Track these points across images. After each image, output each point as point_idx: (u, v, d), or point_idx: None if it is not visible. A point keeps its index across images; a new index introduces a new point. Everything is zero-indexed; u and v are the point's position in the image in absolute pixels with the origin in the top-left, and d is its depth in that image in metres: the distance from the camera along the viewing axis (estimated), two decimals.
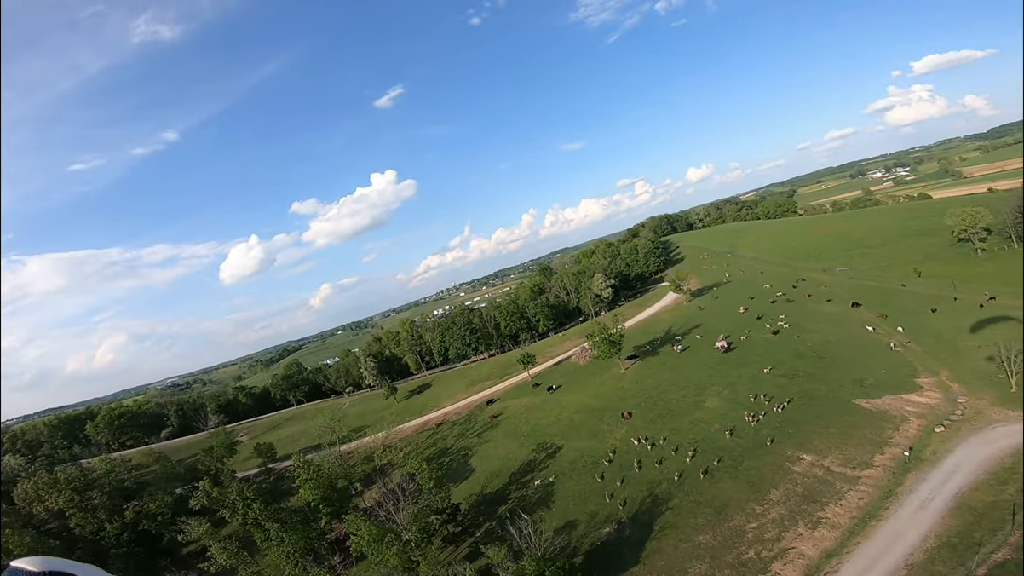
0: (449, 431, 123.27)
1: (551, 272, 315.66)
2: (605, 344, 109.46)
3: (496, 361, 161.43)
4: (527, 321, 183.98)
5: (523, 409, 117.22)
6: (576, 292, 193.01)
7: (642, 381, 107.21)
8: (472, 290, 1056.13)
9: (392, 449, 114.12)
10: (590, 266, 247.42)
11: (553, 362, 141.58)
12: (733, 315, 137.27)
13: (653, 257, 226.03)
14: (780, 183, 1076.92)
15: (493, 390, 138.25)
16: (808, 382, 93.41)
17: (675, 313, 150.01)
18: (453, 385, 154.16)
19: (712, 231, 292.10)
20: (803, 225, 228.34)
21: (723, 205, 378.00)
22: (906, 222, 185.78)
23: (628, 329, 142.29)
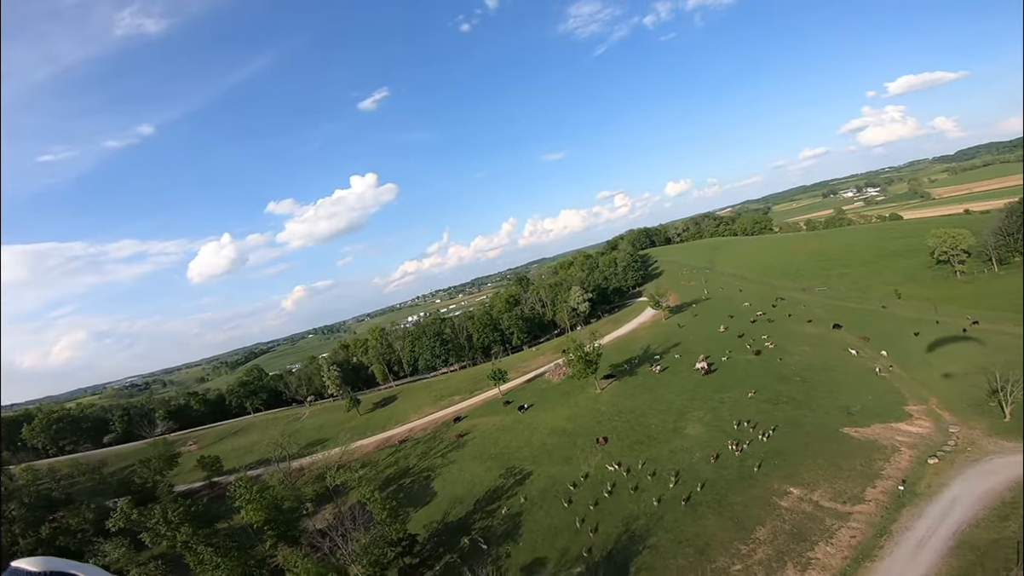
0: (412, 449, 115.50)
1: (528, 283, 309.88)
2: (581, 363, 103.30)
3: (467, 374, 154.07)
4: (501, 333, 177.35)
5: (492, 429, 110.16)
6: (552, 305, 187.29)
7: (619, 403, 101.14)
8: (448, 297, 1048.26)
9: (348, 468, 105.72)
10: (567, 278, 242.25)
11: (526, 378, 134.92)
12: (713, 334, 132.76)
13: (632, 271, 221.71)
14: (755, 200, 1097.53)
15: (461, 406, 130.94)
16: (793, 408, 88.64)
17: (654, 330, 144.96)
18: (420, 399, 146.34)
19: (690, 246, 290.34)
20: (780, 243, 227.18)
21: (701, 220, 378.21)
22: (883, 242, 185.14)
23: (605, 346, 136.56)
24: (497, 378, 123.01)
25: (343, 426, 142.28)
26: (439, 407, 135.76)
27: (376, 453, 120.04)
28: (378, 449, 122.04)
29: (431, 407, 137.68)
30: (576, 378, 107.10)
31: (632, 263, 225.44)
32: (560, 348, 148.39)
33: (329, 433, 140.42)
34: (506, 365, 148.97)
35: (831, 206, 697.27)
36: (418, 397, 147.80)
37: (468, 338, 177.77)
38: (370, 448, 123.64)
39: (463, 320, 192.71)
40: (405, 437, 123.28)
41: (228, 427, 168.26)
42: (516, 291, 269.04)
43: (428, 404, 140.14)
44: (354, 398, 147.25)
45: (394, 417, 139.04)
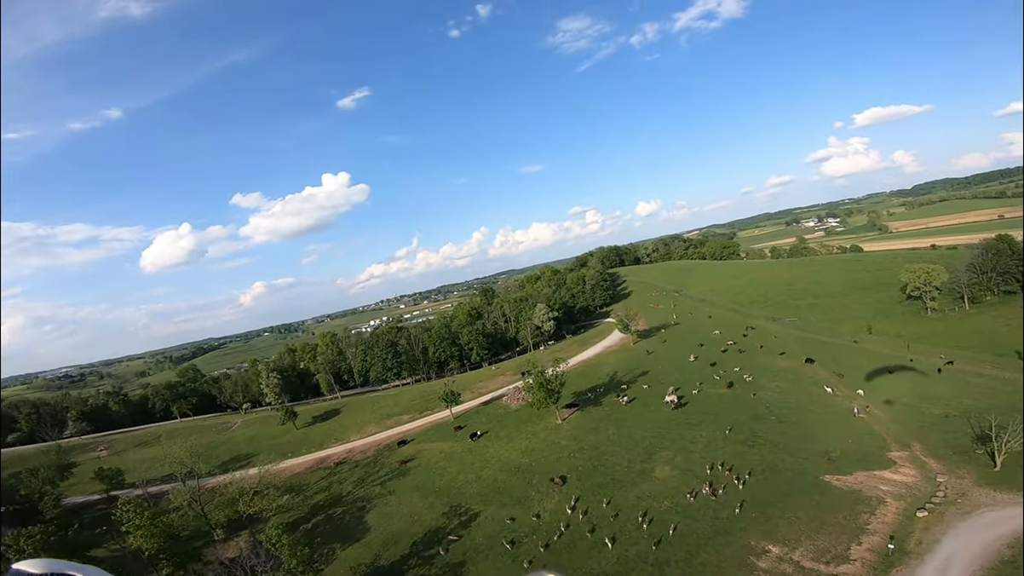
0: (349, 473, 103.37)
1: (493, 295, 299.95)
2: (541, 392, 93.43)
3: (419, 391, 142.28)
4: (459, 348, 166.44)
5: (439, 457, 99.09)
6: (516, 321, 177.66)
7: (582, 438, 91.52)
8: (413, 303, 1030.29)
9: (266, 494, 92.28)
10: (534, 293, 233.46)
11: (482, 400, 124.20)
12: (683, 363, 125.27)
13: (600, 290, 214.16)
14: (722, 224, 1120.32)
15: (409, 427, 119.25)
16: (770, 451, 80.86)
17: (621, 356, 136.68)
18: (365, 415, 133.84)
19: (660, 267, 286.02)
20: (750, 269, 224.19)
21: (671, 241, 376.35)
22: (852, 275, 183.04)
23: (569, 371, 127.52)
24: (449, 400, 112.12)
25: (276, 441, 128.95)
26: (384, 427, 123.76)
27: (307, 475, 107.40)
28: (310, 470, 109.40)
29: (375, 426, 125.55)
30: (535, 407, 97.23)
31: (601, 282, 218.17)
32: (521, 369, 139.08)
33: (259, 447, 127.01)
34: (462, 384, 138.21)
35: (794, 234, 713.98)
36: (363, 413, 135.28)
37: (424, 351, 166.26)
38: (302, 468, 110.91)
39: (419, 331, 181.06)
40: (343, 458, 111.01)
41: (147, 433, 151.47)
42: (480, 303, 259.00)
43: (373, 422, 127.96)
44: (290, 410, 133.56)
45: (334, 434, 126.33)
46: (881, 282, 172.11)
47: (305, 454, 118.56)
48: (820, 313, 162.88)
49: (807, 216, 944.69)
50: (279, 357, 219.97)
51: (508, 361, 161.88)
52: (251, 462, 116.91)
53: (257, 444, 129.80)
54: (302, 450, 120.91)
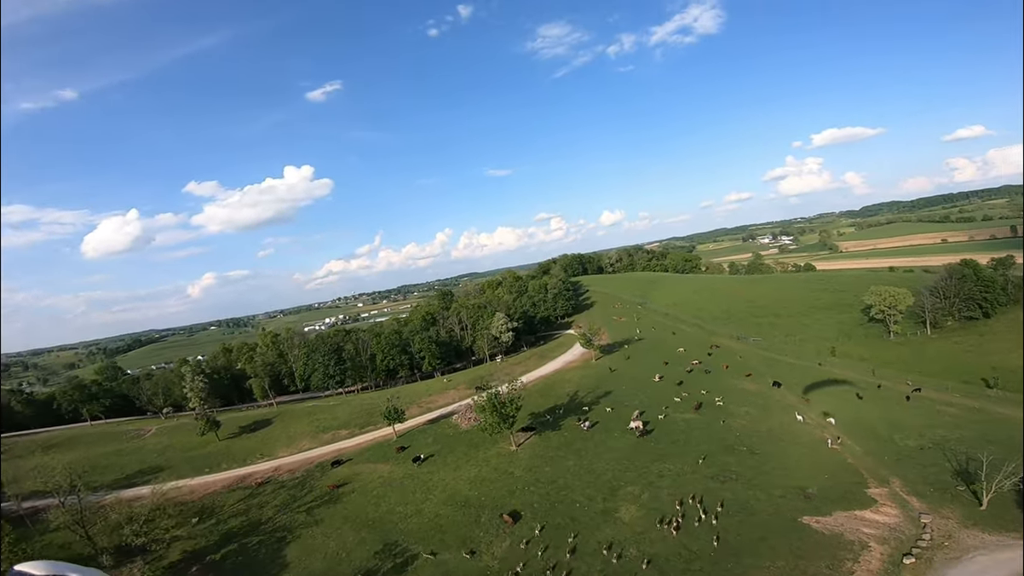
0: (272, 496, 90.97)
1: (451, 299, 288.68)
2: (494, 416, 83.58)
3: (361, 403, 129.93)
4: (410, 356, 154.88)
5: (377, 483, 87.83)
6: (472, 329, 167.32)
7: (538, 468, 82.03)
8: (372, 302, 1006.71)
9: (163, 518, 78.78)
10: (493, 299, 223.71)
11: (430, 417, 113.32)
12: (647, 383, 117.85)
13: (562, 300, 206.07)
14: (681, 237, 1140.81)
15: (346, 445, 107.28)
16: (744, 487, 73.49)
17: (583, 372, 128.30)
18: (299, 427, 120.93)
19: (623, 278, 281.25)
20: (713, 284, 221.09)
21: (634, 252, 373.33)
22: (814, 294, 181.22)
23: (527, 386, 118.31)
24: (392, 418, 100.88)
25: (193, 452, 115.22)
26: (320, 442, 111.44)
27: (224, 495, 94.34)
28: (228, 489, 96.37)
29: (310, 440, 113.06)
30: (487, 433, 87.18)
31: (563, 291, 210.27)
32: (475, 383, 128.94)
33: (173, 459, 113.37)
34: (409, 396, 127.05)
35: (749, 250, 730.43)
36: (297, 425, 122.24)
37: (371, 358, 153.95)
38: (219, 487, 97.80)
39: (369, 336, 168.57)
40: (268, 477, 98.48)
41: (48, 437, 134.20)
42: (436, 308, 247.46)
43: (307, 436, 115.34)
44: (211, 420, 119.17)
45: (261, 448, 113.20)
46: (842, 303, 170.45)
47: (225, 470, 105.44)
48: (783, 333, 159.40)
49: (762, 233, 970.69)
50: (213, 357, 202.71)
51: (461, 373, 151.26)
52: (159, 476, 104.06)
53: (171, 455, 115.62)
54: (222, 465, 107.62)
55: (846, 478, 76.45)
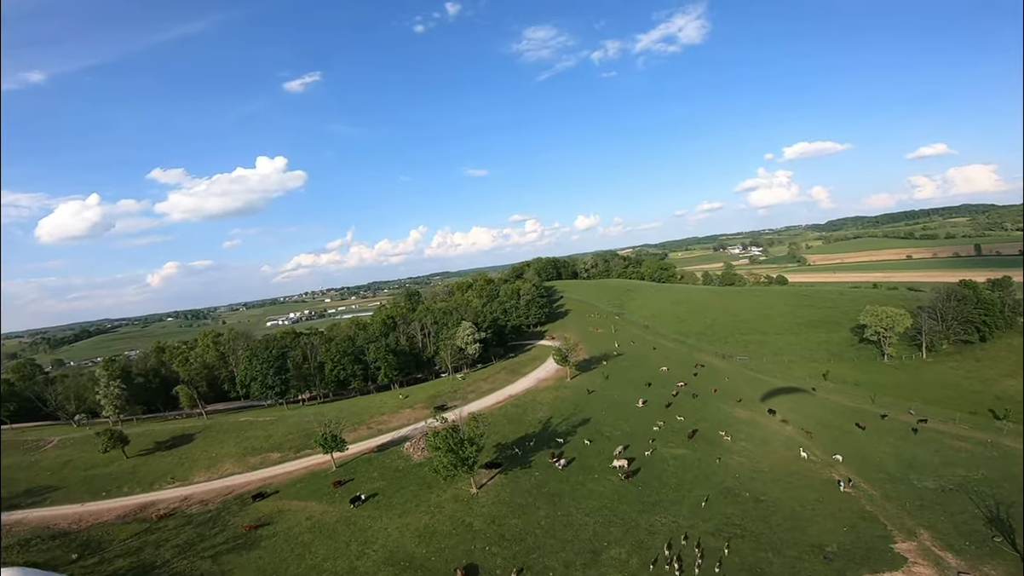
0: (174, 533, 73.78)
1: (418, 300, 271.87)
2: (450, 458, 67.64)
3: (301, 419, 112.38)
4: (364, 366, 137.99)
5: (304, 526, 71.43)
6: (436, 337, 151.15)
7: (503, 521, 66.88)
8: (340, 298, 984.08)
9: None
10: (462, 303, 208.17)
11: (379, 442, 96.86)
12: (630, 408, 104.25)
13: (535, 307, 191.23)
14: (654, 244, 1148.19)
15: (276, 472, 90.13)
16: (752, 547, 60.20)
17: (557, 393, 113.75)
18: (225, 446, 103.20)
19: (599, 285, 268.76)
20: (692, 296, 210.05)
21: (610, 258, 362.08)
22: (799, 310, 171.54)
23: (494, 408, 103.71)
24: (328, 446, 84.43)
25: (94, 471, 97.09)
26: (245, 466, 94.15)
27: (117, 527, 77.01)
28: (123, 520, 78.98)
29: (234, 464, 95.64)
30: (440, 476, 71.36)
31: (537, 298, 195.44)
32: (434, 401, 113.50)
33: (70, 478, 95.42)
34: (357, 414, 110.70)
35: (720, 259, 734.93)
36: (223, 443, 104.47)
37: (319, 367, 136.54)
38: (112, 516, 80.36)
39: (320, 341, 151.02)
40: (173, 508, 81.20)
41: None
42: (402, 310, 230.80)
43: (232, 458, 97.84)
44: (116, 435, 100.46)
45: (175, 470, 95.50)
46: (829, 320, 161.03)
47: (126, 495, 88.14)
48: (770, 352, 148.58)
49: (732, 243, 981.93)
50: (143, 357, 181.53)
51: (421, 387, 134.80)
52: (49, 499, 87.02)
53: (68, 473, 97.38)
54: (124, 489, 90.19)
55: (868, 531, 64.40)
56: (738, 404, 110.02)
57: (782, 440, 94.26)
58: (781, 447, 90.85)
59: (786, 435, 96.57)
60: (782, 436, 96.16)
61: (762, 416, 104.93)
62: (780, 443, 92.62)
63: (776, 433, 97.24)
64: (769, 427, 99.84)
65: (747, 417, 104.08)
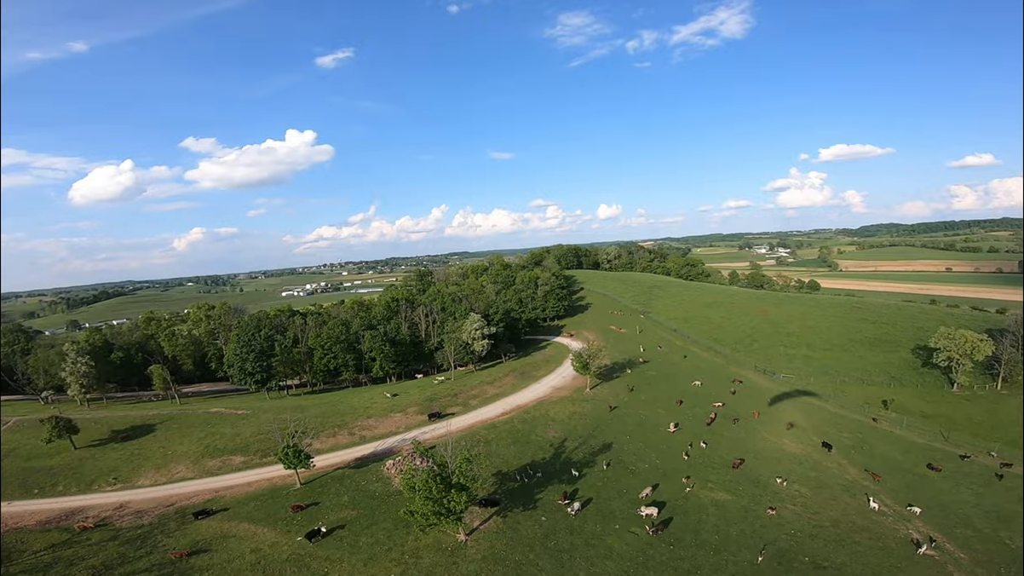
0: (95, 550, 60.28)
1: (429, 281, 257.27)
2: (433, 507, 51.79)
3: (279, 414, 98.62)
4: (358, 356, 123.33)
5: (246, 562, 56.85)
6: (440, 328, 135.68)
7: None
8: (358, 271, 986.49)
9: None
10: (475, 288, 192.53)
11: (358, 454, 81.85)
12: (660, 434, 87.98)
13: (554, 299, 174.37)
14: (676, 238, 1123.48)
15: (231, 482, 75.96)
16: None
17: (573, 408, 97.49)
18: (185, 443, 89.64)
19: (621, 278, 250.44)
20: (728, 298, 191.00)
21: (635, 250, 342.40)
22: (851, 323, 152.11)
23: (496, 421, 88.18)
24: (291, 461, 69.74)
25: (35, 463, 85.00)
26: (200, 471, 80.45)
27: (35, 535, 64.20)
28: (43, 527, 66.16)
29: (188, 466, 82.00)
30: (418, 527, 55.61)
31: (556, 288, 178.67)
32: (429, 406, 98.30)
33: (8, 469, 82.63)
34: (339, 415, 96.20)
35: (746, 258, 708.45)
36: (184, 439, 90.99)
37: (308, 354, 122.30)
38: (33, 521, 67.76)
39: (316, 323, 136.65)
40: (103, 519, 68.27)
41: None
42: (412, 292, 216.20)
43: (188, 458, 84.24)
44: (61, 424, 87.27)
45: (121, 468, 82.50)
46: (888, 339, 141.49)
47: (60, 495, 75.98)
48: (818, 370, 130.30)
49: (759, 242, 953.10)
50: (131, 327, 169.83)
51: (417, 384, 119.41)
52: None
53: (8, 464, 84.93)
54: (59, 487, 77.73)
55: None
56: (787, 432, 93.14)
57: (843, 484, 77.46)
58: (843, 493, 74.11)
59: (848, 478, 79.67)
60: (843, 479, 79.29)
61: (817, 451, 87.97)
62: (841, 487, 75.85)
63: (836, 475, 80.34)
64: (826, 466, 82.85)
65: (799, 451, 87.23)
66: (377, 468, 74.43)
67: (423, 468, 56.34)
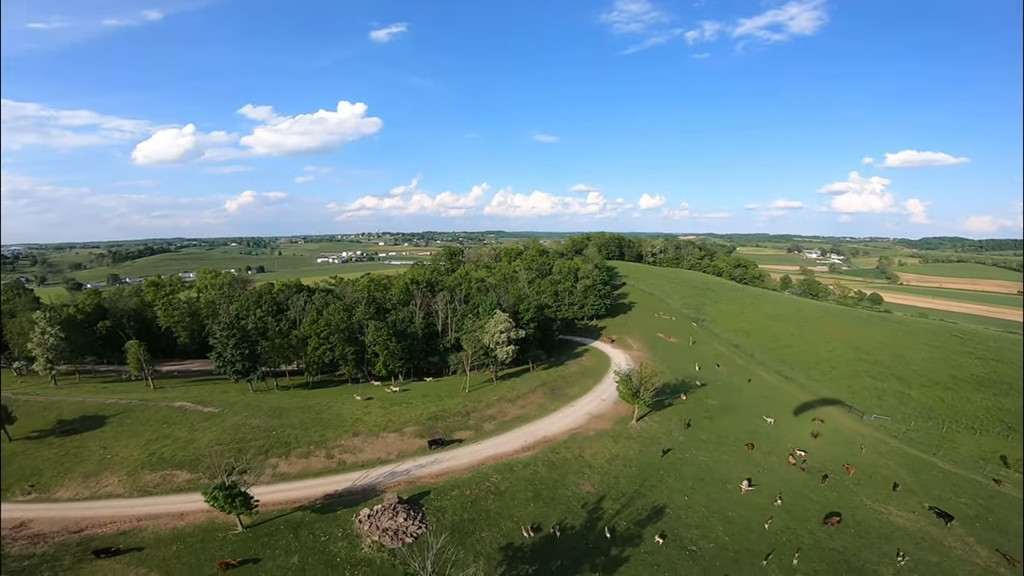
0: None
1: (459, 261, 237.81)
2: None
3: (254, 414, 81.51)
4: (359, 348, 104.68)
5: None
6: (460, 322, 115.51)
7: None
8: (394, 243, 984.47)
9: None
10: (507, 275, 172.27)
11: (328, 488, 63.10)
12: (729, 495, 66.42)
13: (595, 295, 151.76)
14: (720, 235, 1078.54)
15: (160, 508, 58.11)
16: None
17: (616, 448, 75.91)
18: (131, 446, 73.04)
19: (667, 275, 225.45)
20: (798, 311, 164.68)
21: (683, 244, 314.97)
22: (956, 356, 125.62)
23: (516, 460, 68.52)
24: (224, 506, 51.30)
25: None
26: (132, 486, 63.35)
27: None
28: None
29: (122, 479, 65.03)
30: None
31: (598, 283, 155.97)
32: (432, 428, 79.06)
33: None
34: (320, 428, 77.81)
35: (796, 262, 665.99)
36: (131, 441, 74.35)
37: (303, 341, 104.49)
38: None
39: (320, 304, 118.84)
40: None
41: None
42: (440, 271, 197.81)
43: (126, 467, 67.42)
44: None
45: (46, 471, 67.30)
46: (999, 378, 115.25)
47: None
48: (916, 411, 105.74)
49: (808, 246, 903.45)
50: (132, 291, 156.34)
51: (422, 391, 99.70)
52: None
53: None
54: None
55: None
56: (892, 497, 70.57)
57: (975, 572, 55.55)
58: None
59: (978, 562, 57.79)
60: (972, 563, 57.47)
61: (931, 522, 65.54)
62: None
63: (962, 558, 58.55)
64: (948, 545, 60.55)
65: (910, 523, 64.93)
66: (347, 517, 55.52)
67: None
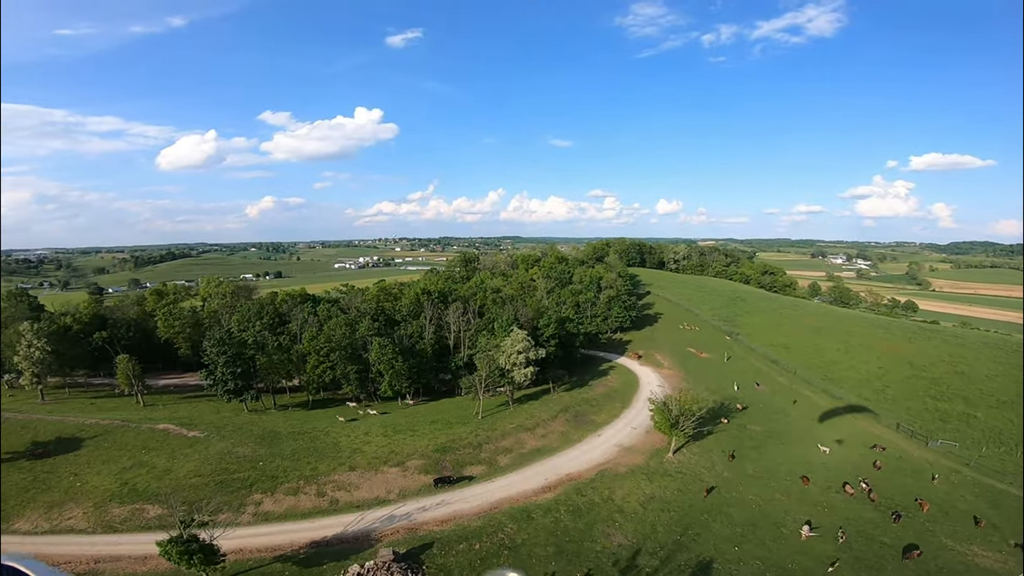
0: None
1: (474, 268, 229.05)
2: None
3: (244, 441, 73.42)
4: (362, 367, 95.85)
5: None
6: (472, 338, 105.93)
7: None
8: (410, 248, 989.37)
9: None
10: (524, 284, 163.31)
11: (315, 534, 53.93)
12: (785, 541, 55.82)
13: (619, 307, 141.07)
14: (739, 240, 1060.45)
15: (121, 549, 49.78)
16: None
17: (652, 487, 65.69)
18: (102, 475, 64.98)
19: (693, 283, 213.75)
20: (842, 324, 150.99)
21: (707, 251, 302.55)
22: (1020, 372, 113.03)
23: (535, 504, 59.01)
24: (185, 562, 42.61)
25: None
26: (95, 522, 55.33)
27: None
28: None
29: (87, 513, 56.96)
30: None
31: (623, 294, 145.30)
32: (439, 462, 69.89)
33: None
34: (318, 454, 69.26)
35: (820, 268, 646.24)
36: (104, 468, 66.48)
37: (302, 358, 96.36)
38: None
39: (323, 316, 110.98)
40: None
41: None
42: (455, 279, 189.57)
43: (94, 499, 59.45)
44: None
45: (8, 500, 59.36)
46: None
47: None
48: (984, 435, 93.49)
49: (833, 251, 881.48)
50: (135, 299, 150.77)
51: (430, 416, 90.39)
52: None
53: None
54: None
55: None
56: (976, 535, 59.45)
57: None
58: None
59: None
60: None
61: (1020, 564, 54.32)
62: None
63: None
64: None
65: (1000, 567, 54.23)
66: (334, 571, 46.59)
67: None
